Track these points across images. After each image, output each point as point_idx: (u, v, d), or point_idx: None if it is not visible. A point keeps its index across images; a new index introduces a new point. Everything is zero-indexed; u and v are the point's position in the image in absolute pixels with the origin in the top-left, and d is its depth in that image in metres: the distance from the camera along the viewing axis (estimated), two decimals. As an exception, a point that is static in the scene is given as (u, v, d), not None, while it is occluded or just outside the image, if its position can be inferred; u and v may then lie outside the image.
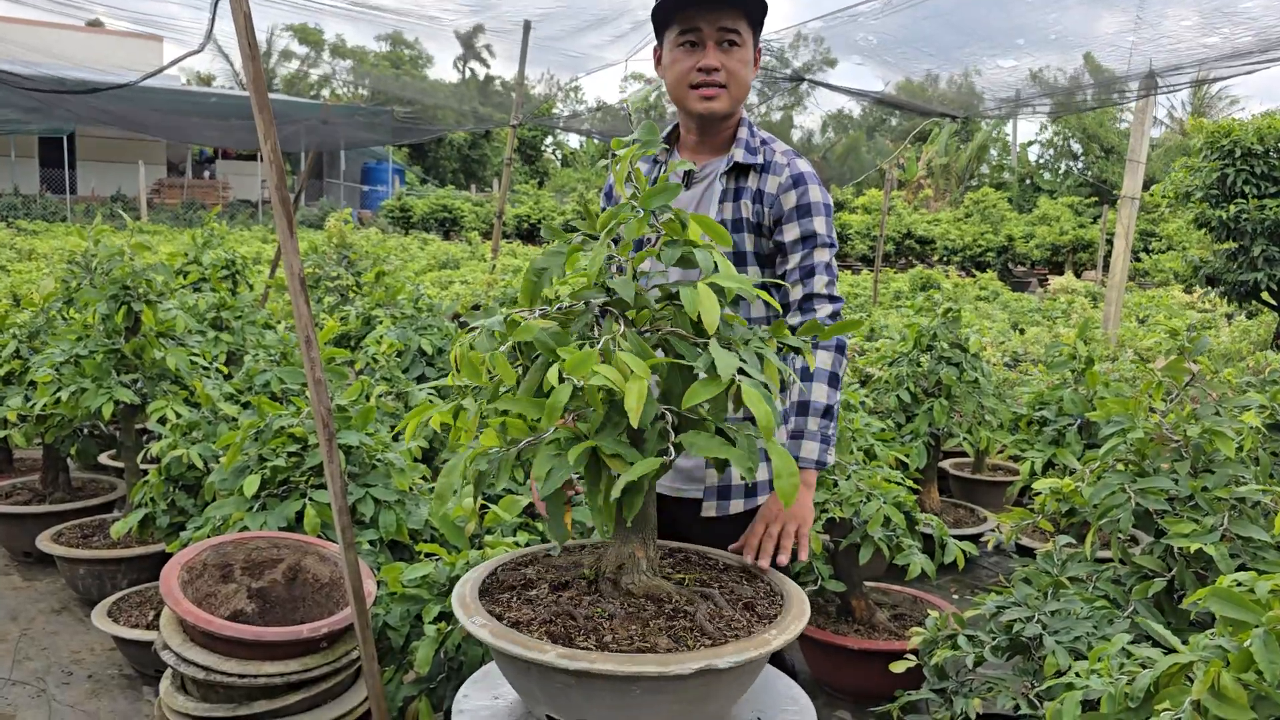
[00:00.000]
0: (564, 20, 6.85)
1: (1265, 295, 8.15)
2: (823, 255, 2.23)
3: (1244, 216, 7.82)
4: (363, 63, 40.61)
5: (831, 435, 2.19)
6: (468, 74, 41.22)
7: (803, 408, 2.16)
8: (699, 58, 2.19)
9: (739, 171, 2.28)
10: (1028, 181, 31.57)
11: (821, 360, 2.17)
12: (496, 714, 1.76)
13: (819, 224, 2.23)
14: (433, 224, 27.90)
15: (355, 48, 41.57)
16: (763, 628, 1.62)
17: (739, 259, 2.27)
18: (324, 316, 6.24)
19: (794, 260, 2.23)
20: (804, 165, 2.28)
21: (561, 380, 1.46)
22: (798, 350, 1.78)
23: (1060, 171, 33.61)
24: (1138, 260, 18.69)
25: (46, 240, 15.95)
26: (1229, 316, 10.91)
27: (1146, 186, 10.01)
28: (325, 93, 39.39)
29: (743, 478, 1.78)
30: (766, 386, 1.56)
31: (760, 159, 2.27)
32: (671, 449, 1.56)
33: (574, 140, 42.71)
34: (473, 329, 1.67)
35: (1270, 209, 7.67)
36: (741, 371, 1.52)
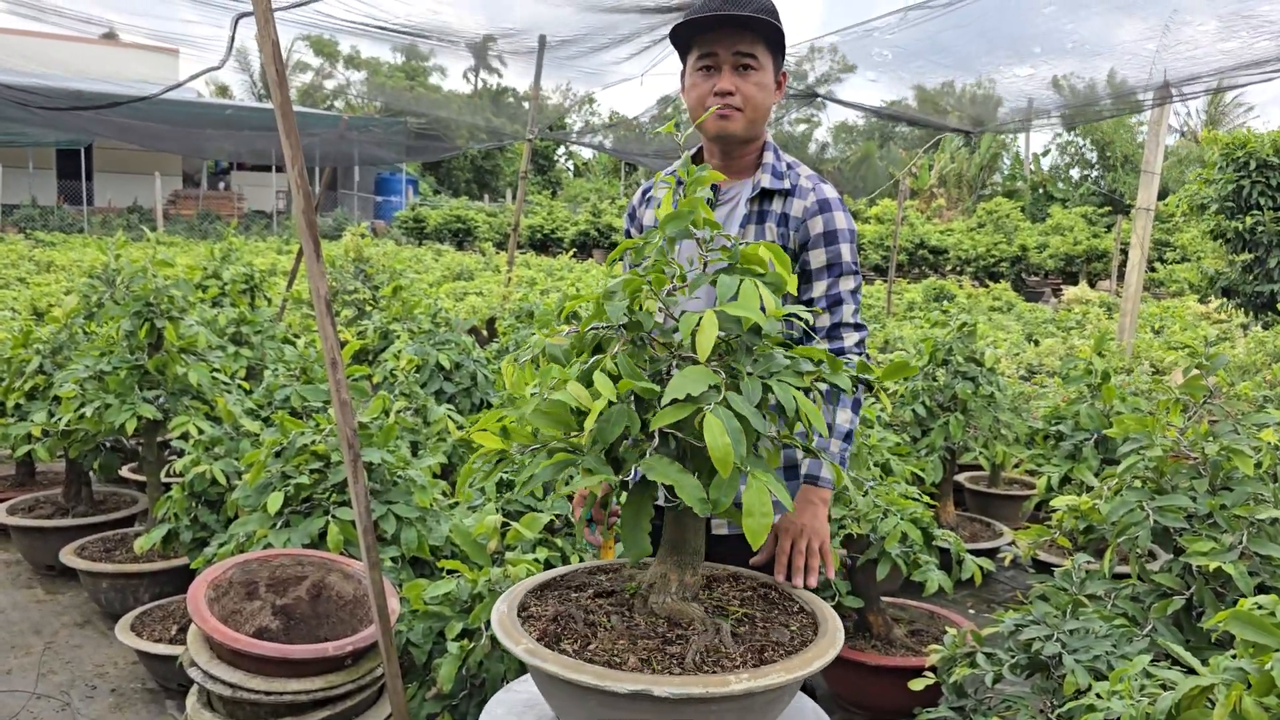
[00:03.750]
0: (582, 42, 6.91)
1: (1281, 306, 8.14)
2: (848, 283, 2.26)
3: (1260, 228, 7.81)
4: (376, 74, 40.84)
5: (849, 457, 2.25)
6: (480, 85, 41.39)
7: (828, 428, 2.18)
8: (715, 81, 2.22)
9: (764, 195, 2.30)
10: (1040, 190, 31.49)
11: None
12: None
13: (844, 251, 2.26)
14: (446, 235, 28.02)
15: (370, 59, 41.81)
16: (801, 650, 1.64)
17: None
18: (342, 331, 6.29)
19: (820, 288, 2.26)
20: (829, 191, 2.30)
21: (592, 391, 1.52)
22: (836, 386, 1.77)
23: (1073, 181, 33.53)
24: (1152, 270, 18.62)
25: (64, 252, 16.08)
26: (1244, 327, 10.87)
27: (1161, 196, 9.99)
28: (339, 104, 39.65)
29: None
30: (744, 418, 1.52)
31: (786, 183, 2.29)
32: (635, 470, 1.60)
33: (586, 150, 42.85)
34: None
35: (1287, 221, 7.66)
36: (728, 399, 1.52)
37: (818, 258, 2.25)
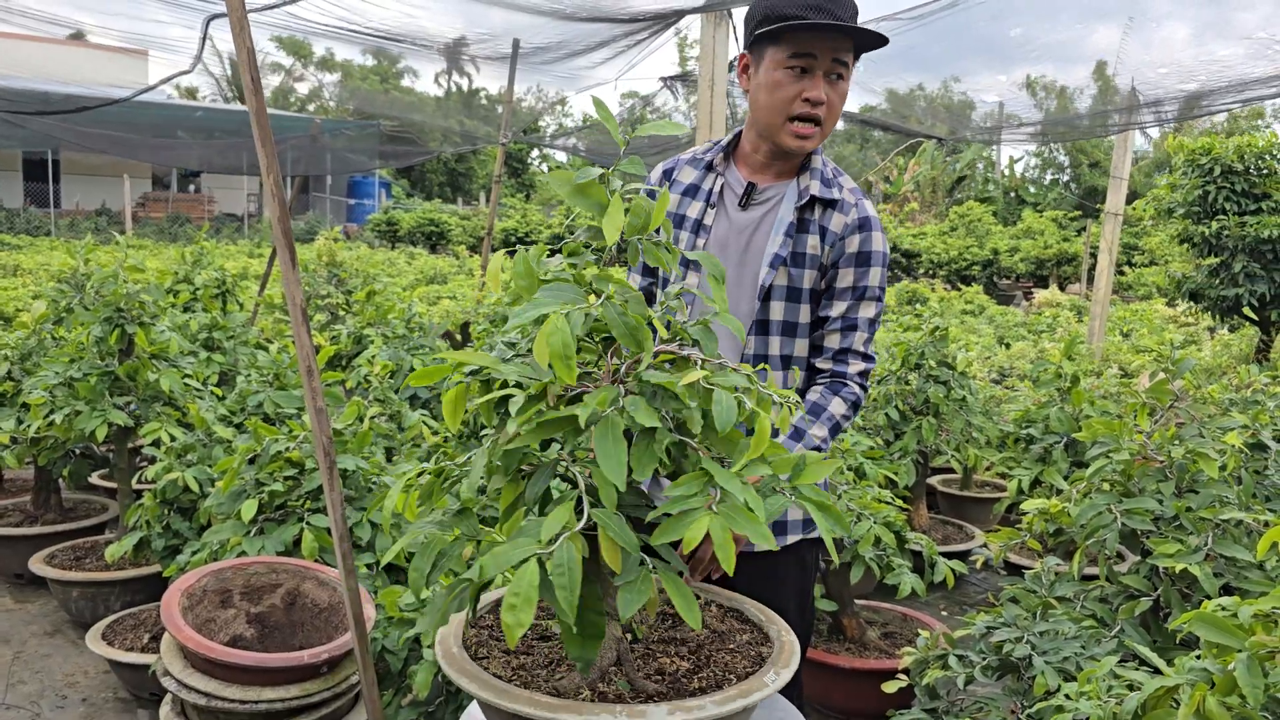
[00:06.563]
0: (556, 48, 6.92)
1: (1247, 310, 8.26)
2: (868, 310, 2.18)
3: (1225, 233, 7.92)
4: (350, 77, 40.59)
5: None
6: (452, 88, 41.23)
7: (797, 434, 2.11)
8: (805, 86, 2.09)
9: (809, 204, 2.19)
10: (1012, 195, 31.78)
11: (835, 406, 2.15)
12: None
13: (874, 275, 2.18)
14: (419, 238, 27.90)
15: (344, 61, 41.54)
16: (763, 668, 1.64)
17: (794, 294, 2.20)
18: (315, 336, 6.25)
19: (839, 308, 2.18)
20: (870, 208, 2.21)
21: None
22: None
23: (1045, 184, 33.87)
24: (1121, 274, 18.86)
25: (32, 256, 15.90)
26: (1211, 330, 11.03)
27: (1130, 200, 10.12)
28: (311, 107, 39.37)
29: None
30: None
31: (835, 193, 2.19)
32: None
33: (560, 153, 42.75)
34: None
35: (1251, 226, 7.77)
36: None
37: (845, 277, 2.17)
